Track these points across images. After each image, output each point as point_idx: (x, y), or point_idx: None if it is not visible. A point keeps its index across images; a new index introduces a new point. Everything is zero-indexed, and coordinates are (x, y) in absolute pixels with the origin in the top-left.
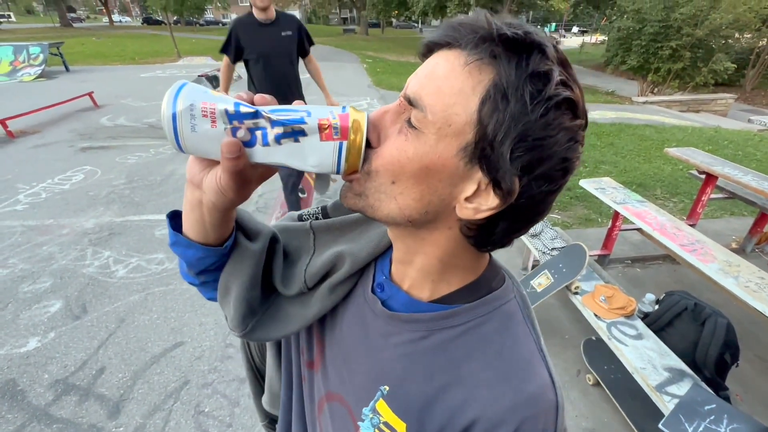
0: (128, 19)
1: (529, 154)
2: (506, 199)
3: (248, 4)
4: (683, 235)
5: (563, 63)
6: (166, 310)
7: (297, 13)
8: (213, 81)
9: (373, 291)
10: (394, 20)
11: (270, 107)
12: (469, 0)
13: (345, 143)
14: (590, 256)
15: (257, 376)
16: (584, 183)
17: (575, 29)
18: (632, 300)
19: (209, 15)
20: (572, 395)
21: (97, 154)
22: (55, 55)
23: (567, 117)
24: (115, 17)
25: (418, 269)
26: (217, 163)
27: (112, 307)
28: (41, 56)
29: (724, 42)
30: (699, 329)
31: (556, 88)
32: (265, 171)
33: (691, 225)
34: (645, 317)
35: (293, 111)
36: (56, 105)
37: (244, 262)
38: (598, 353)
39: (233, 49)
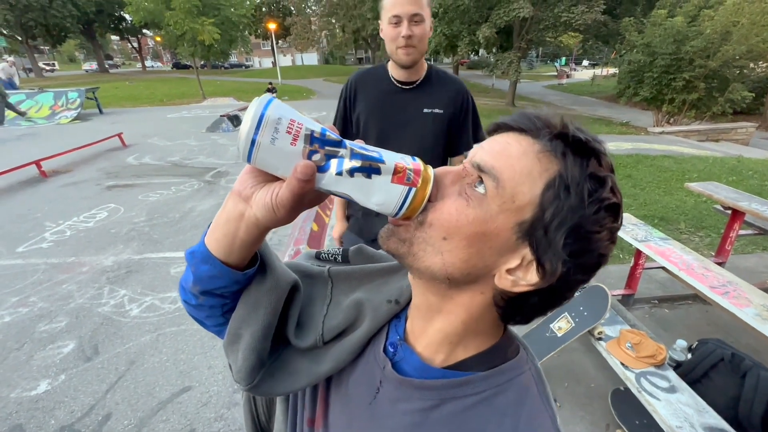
0: (160, 64)
1: (577, 244)
2: (547, 279)
3: (270, 48)
4: (712, 275)
5: (612, 170)
6: (176, 351)
7: (315, 56)
8: (234, 120)
9: (384, 350)
10: None
11: (354, 142)
12: (478, 40)
13: (414, 190)
14: (613, 295)
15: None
16: None
17: (585, 62)
18: (662, 347)
19: (233, 58)
20: None
21: (122, 192)
22: (91, 99)
23: (611, 219)
24: (148, 63)
25: (438, 329)
26: (275, 179)
27: (123, 348)
28: (78, 100)
29: (738, 72)
30: (739, 383)
31: (608, 193)
32: (318, 198)
33: (719, 263)
34: (677, 367)
35: (370, 149)
36: (87, 146)
37: (260, 310)
38: (628, 405)
39: (341, 124)
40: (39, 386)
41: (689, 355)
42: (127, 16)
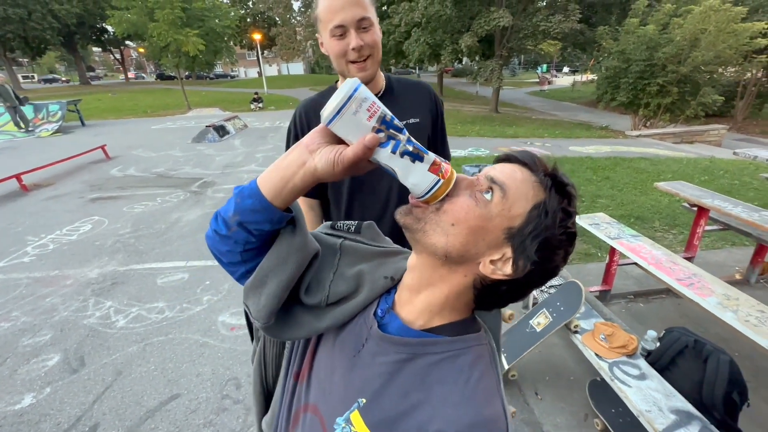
0: (143, 75)
1: (543, 253)
2: (516, 274)
3: (256, 58)
4: (679, 268)
5: (576, 210)
6: (163, 360)
7: (301, 65)
8: (219, 131)
9: (374, 315)
10: (392, 68)
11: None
12: (461, 49)
13: (441, 182)
14: (591, 292)
15: (266, 397)
16: (578, 219)
17: (566, 69)
18: (633, 338)
19: (219, 69)
20: None
21: (106, 205)
22: (73, 111)
23: (568, 243)
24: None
25: (423, 299)
26: (339, 142)
27: (110, 359)
28: (59, 113)
29: (709, 77)
30: (702, 367)
31: (571, 225)
32: (364, 168)
33: (689, 258)
34: (648, 355)
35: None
36: (70, 158)
37: (288, 263)
38: (605, 395)
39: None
40: (23, 400)
41: (658, 344)
42: (109, 28)
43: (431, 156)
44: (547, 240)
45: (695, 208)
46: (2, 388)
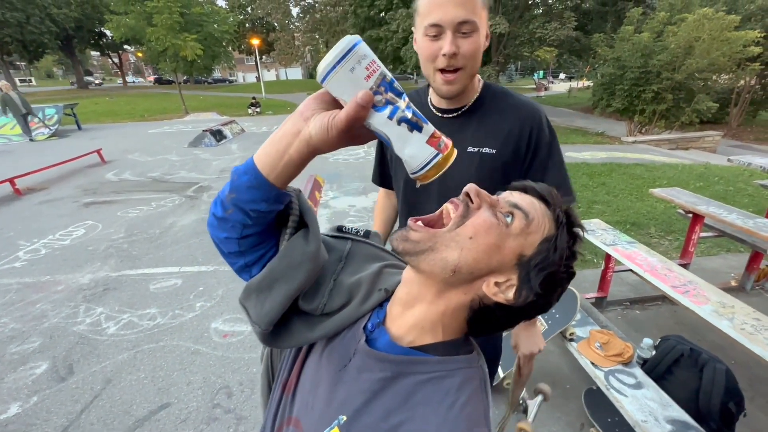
0: (141, 79)
1: (545, 286)
2: (516, 301)
3: (254, 63)
4: (674, 276)
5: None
6: (154, 368)
7: (299, 70)
8: (216, 135)
9: (364, 328)
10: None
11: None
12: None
13: (440, 156)
14: (587, 298)
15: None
16: None
17: (562, 75)
18: (629, 346)
19: (217, 74)
20: None
21: (100, 209)
22: (69, 115)
23: (567, 282)
24: (130, 78)
25: (415, 315)
26: (335, 108)
27: (99, 366)
28: (56, 117)
29: (703, 84)
30: (699, 376)
31: (573, 265)
32: (362, 137)
33: (684, 264)
34: (644, 364)
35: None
36: (64, 162)
37: (300, 271)
38: (601, 404)
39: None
40: (9, 409)
41: (654, 352)
42: (107, 32)
43: (430, 127)
44: (551, 275)
45: (690, 215)
46: None
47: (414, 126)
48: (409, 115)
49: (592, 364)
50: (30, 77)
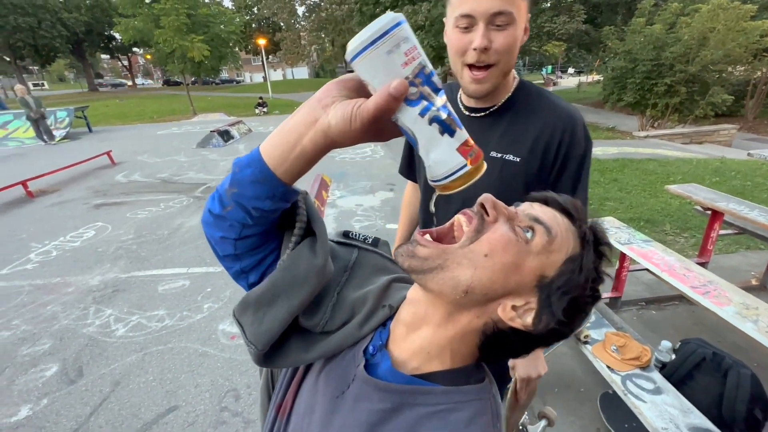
0: (150, 81)
1: (567, 314)
2: (536, 327)
3: (261, 63)
4: (694, 275)
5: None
6: (162, 370)
7: (305, 70)
8: (224, 136)
9: (365, 351)
10: None
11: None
12: None
13: (467, 168)
14: (601, 299)
15: None
16: None
17: (571, 70)
18: (647, 349)
19: (224, 74)
20: None
21: (110, 211)
22: (80, 117)
23: (590, 307)
24: (139, 80)
25: (420, 338)
26: (359, 96)
27: (108, 369)
28: (67, 119)
29: (718, 76)
30: (722, 381)
31: (599, 288)
32: (385, 132)
33: (702, 263)
34: (663, 368)
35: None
36: (75, 164)
37: (305, 286)
38: (617, 409)
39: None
40: (20, 412)
41: (673, 356)
42: (116, 35)
43: (464, 134)
44: (575, 300)
45: (708, 212)
46: (0, 400)
47: (446, 129)
48: (444, 115)
49: (609, 367)
50: (42, 81)
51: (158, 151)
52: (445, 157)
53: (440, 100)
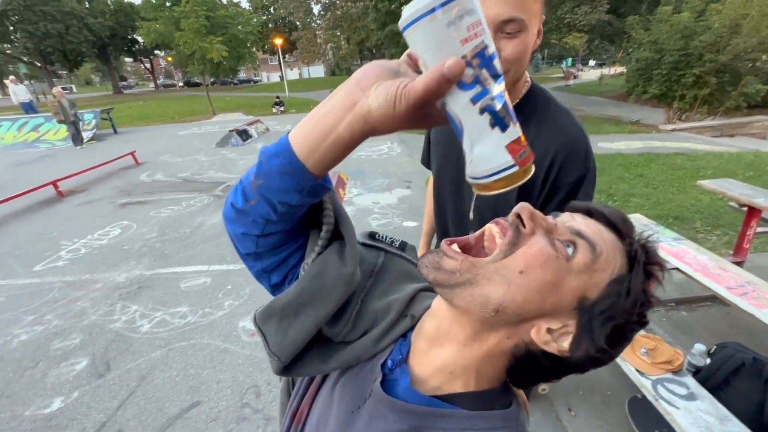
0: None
1: (610, 341)
2: (573, 353)
3: (277, 62)
4: (729, 275)
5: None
6: (185, 366)
7: (321, 68)
8: (242, 135)
9: (383, 365)
10: None
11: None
12: None
13: (516, 169)
14: None
15: None
16: None
17: (592, 62)
18: (679, 352)
19: (242, 74)
20: None
21: (134, 209)
22: (106, 119)
23: (634, 334)
24: (161, 82)
25: (445, 356)
26: (404, 76)
27: (134, 363)
28: (93, 122)
29: (751, 65)
30: (763, 388)
31: (647, 313)
32: (430, 118)
33: (738, 263)
34: (696, 372)
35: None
36: (102, 165)
37: (333, 295)
38: (647, 414)
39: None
40: (53, 404)
41: (708, 360)
42: (139, 39)
43: (518, 130)
44: (620, 327)
45: (744, 209)
46: (34, 392)
47: (499, 122)
48: (498, 106)
49: (638, 371)
50: (71, 84)
51: (179, 151)
52: (491, 153)
53: (497, 87)
